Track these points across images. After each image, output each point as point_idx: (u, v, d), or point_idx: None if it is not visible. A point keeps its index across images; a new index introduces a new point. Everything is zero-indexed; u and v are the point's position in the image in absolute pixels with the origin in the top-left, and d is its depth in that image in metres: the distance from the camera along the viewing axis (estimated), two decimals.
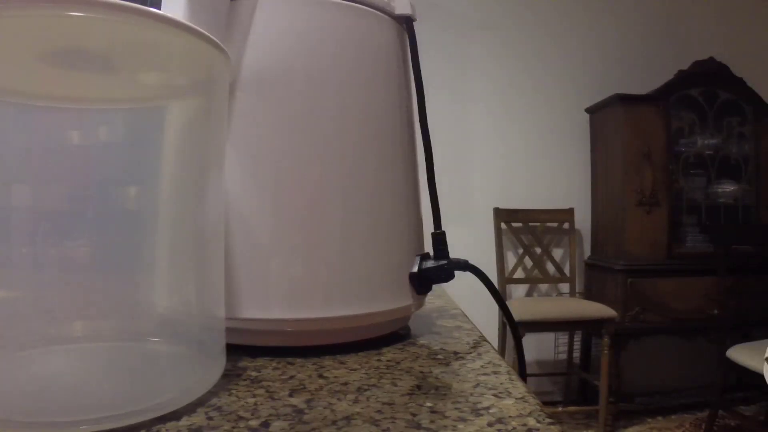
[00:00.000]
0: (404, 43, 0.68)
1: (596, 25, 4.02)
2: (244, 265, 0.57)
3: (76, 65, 0.42)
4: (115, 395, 0.41)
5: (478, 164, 3.95)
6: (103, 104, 0.44)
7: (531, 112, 3.99)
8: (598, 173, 3.89)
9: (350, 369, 0.53)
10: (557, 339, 3.90)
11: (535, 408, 0.43)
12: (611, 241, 3.69)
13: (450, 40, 3.91)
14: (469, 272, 0.69)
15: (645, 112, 3.54)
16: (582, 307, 3.25)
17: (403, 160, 0.65)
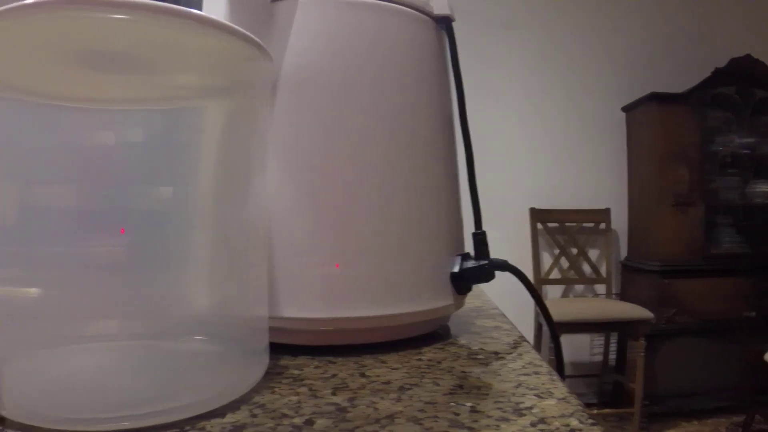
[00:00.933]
0: (443, 44, 0.68)
1: (631, 23, 3.99)
2: (283, 264, 0.57)
3: (113, 66, 0.42)
4: (158, 392, 0.42)
5: (512, 165, 3.94)
6: (140, 105, 0.45)
7: (564, 111, 3.96)
8: (634, 173, 3.85)
9: (391, 368, 0.53)
10: (592, 340, 3.88)
11: (578, 408, 0.42)
12: (646, 241, 3.65)
13: (478, 40, 3.89)
14: (506, 272, 0.69)
15: (680, 111, 3.50)
16: (617, 308, 3.23)
17: (443, 160, 0.65)
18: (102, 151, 0.43)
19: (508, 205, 3.86)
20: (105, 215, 0.42)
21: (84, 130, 0.42)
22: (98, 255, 0.42)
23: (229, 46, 0.44)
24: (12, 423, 0.39)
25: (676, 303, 3.41)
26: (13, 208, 0.41)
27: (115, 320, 0.44)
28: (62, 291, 0.42)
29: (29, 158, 0.41)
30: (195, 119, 0.48)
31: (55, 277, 0.41)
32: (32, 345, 0.43)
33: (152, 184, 0.43)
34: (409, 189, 0.61)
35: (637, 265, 3.70)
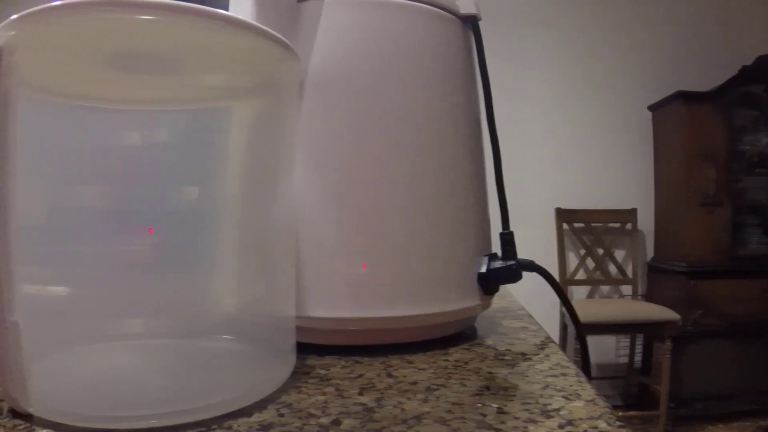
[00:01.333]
0: (469, 43, 0.68)
1: (657, 20, 3.95)
2: (310, 264, 0.57)
3: (143, 67, 0.43)
4: (185, 391, 0.42)
5: (537, 164, 3.92)
6: (168, 105, 0.45)
7: (590, 110, 3.94)
8: (661, 172, 3.82)
9: (418, 368, 0.53)
10: (618, 342, 3.85)
11: (606, 411, 0.42)
12: (673, 242, 3.62)
13: (503, 38, 3.87)
14: (532, 273, 0.68)
15: (707, 110, 3.46)
16: (643, 309, 3.20)
17: (470, 160, 0.65)
18: (131, 151, 0.43)
19: (534, 205, 3.84)
20: (134, 215, 0.42)
21: (114, 130, 0.43)
22: (127, 255, 0.42)
23: (257, 46, 0.44)
24: (39, 420, 0.39)
25: (703, 304, 3.38)
26: (44, 207, 0.41)
27: (143, 319, 0.44)
28: (91, 290, 0.42)
29: (60, 159, 0.41)
30: (223, 120, 0.48)
31: (84, 277, 0.42)
32: (61, 343, 0.43)
33: (181, 185, 0.44)
34: (437, 189, 0.61)
35: (663, 266, 3.67)
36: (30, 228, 0.40)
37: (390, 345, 0.60)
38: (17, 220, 0.38)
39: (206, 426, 0.39)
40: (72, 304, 0.42)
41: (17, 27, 0.38)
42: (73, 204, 0.41)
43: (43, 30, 0.38)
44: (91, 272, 0.42)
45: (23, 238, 0.38)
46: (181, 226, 0.43)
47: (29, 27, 0.38)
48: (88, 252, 0.42)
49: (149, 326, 0.45)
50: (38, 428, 0.38)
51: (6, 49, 0.38)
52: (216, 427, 0.39)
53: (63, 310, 0.42)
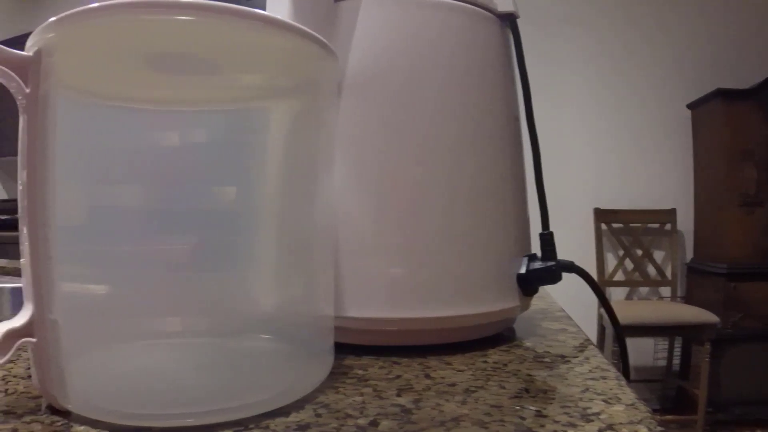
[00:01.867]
0: (507, 41, 0.68)
1: (694, 18, 3.90)
2: (349, 264, 0.57)
3: (181, 68, 0.43)
4: (223, 390, 0.42)
5: (574, 164, 3.90)
6: (207, 105, 0.45)
7: (627, 109, 3.90)
8: (700, 172, 3.77)
9: (456, 370, 0.52)
10: (656, 345, 3.81)
11: (646, 415, 0.41)
12: (713, 243, 3.57)
13: (539, 37, 3.86)
14: (571, 274, 0.68)
15: (747, 108, 3.41)
16: (681, 311, 3.17)
17: (508, 160, 0.65)
18: (170, 152, 0.43)
19: (572, 205, 3.82)
20: (173, 215, 0.42)
21: (152, 131, 0.43)
22: (166, 254, 0.42)
23: (296, 46, 0.44)
24: (77, 417, 0.39)
25: (743, 307, 3.33)
26: (84, 207, 0.41)
27: (181, 318, 0.44)
28: (130, 289, 0.42)
29: (99, 159, 0.42)
30: (262, 120, 0.48)
31: (123, 276, 0.42)
32: (100, 342, 0.43)
33: (220, 185, 0.44)
34: (476, 189, 0.60)
35: (702, 268, 3.62)
36: (70, 227, 0.40)
37: (428, 346, 0.59)
38: (57, 219, 0.38)
39: (243, 425, 0.39)
40: (111, 303, 0.42)
41: (56, 29, 0.38)
42: (112, 204, 0.42)
43: (81, 31, 0.39)
44: (130, 271, 0.42)
45: (63, 237, 0.39)
46: (219, 225, 0.43)
47: (67, 29, 0.38)
48: (127, 251, 0.42)
49: (187, 325, 0.45)
50: (75, 425, 0.38)
51: (45, 51, 0.38)
52: (253, 427, 0.39)
53: (102, 308, 0.42)
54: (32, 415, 0.40)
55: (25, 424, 0.38)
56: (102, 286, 0.42)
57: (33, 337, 0.39)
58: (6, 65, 0.38)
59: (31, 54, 0.38)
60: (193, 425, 0.38)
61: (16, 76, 0.38)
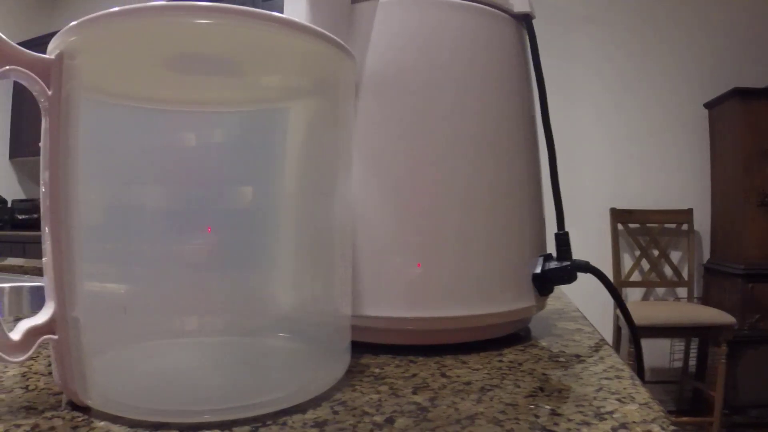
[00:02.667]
0: (523, 41, 0.68)
1: (709, 16, 3.87)
2: (366, 264, 0.57)
3: (201, 70, 0.43)
4: (241, 387, 0.43)
5: (590, 163, 3.89)
6: (227, 107, 0.46)
7: (644, 108, 3.88)
8: (718, 172, 3.74)
9: (472, 369, 0.53)
10: (673, 346, 3.79)
11: (660, 415, 0.42)
12: (731, 243, 3.55)
13: (555, 35, 3.86)
14: (587, 274, 0.68)
15: (765, 106, 3.38)
16: (698, 312, 3.15)
17: (525, 160, 0.65)
18: (191, 152, 0.44)
19: (588, 205, 3.81)
20: (194, 215, 0.43)
21: (174, 132, 0.44)
22: (187, 253, 0.43)
23: (313, 48, 0.45)
24: (97, 413, 0.40)
25: (761, 308, 3.31)
26: (107, 207, 0.42)
27: (200, 317, 0.45)
28: (151, 288, 0.43)
29: (121, 159, 0.42)
30: (281, 120, 0.49)
31: (144, 275, 0.43)
32: (120, 339, 0.44)
33: (239, 185, 0.44)
34: (493, 189, 0.61)
35: (720, 268, 3.60)
36: (91, 227, 0.41)
37: (444, 345, 0.60)
38: (79, 219, 0.39)
39: (261, 422, 0.39)
40: (131, 302, 0.43)
41: (77, 33, 0.39)
42: (133, 203, 0.42)
43: (102, 35, 0.39)
44: (151, 271, 0.43)
45: (86, 237, 0.39)
46: (239, 225, 0.44)
47: (89, 32, 0.39)
48: (148, 251, 0.42)
49: (206, 324, 0.45)
50: (96, 420, 0.39)
51: (67, 53, 0.39)
52: (271, 423, 0.39)
53: (122, 307, 0.43)
54: (53, 411, 0.40)
55: (46, 420, 0.39)
56: (123, 285, 0.43)
57: (54, 335, 0.39)
58: (29, 68, 0.38)
59: (53, 57, 0.39)
60: (210, 421, 0.39)
61: (39, 79, 0.39)
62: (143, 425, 0.38)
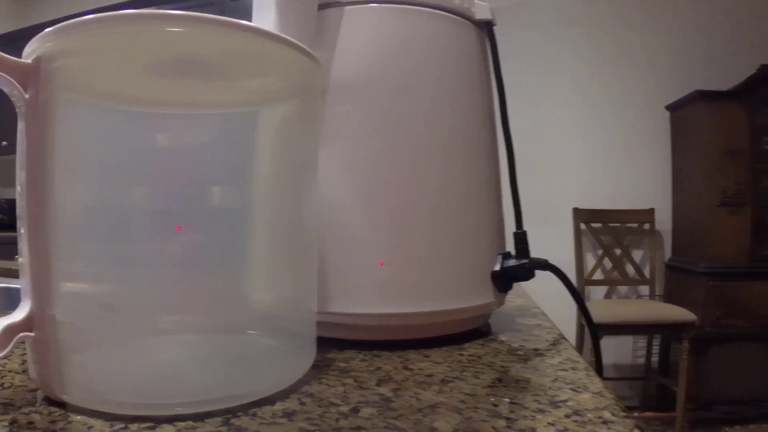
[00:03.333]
0: (485, 47, 0.70)
1: (676, 20, 3.92)
2: (333, 262, 0.59)
3: (180, 74, 0.45)
4: (213, 381, 0.44)
5: (558, 164, 3.92)
6: (205, 109, 0.47)
7: (611, 110, 3.92)
8: (680, 173, 3.79)
9: (434, 362, 0.55)
10: (636, 343, 3.84)
11: (611, 402, 0.44)
12: (693, 242, 3.60)
13: (530, 36, 3.88)
14: (549, 272, 0.70)
15: (728, 109, 3.43)
16: (661, 310, 3.19)
17: (486, 162, 0.67)
18: (170, 153, 0.45)
19: (552, 206, 3.84)
20: (173, 215, 0.44)
21: (153, 133, 0.45)
22: (165, 253, 0.44)
23: (283, 55, 0.46)
24: (73, 407, 0.41)
25: (723, 306, 3.36)
26: (83, 207, 0.43)
27: (175, 315, 0.46)
28: (127, 287, 0.44)
29: (101, 160, 0.43)
30: (255, 122, 0.50)
31: (123, 274, 0.44)
32: (97, 337, 0.45)
33: (217, 186, 0.46)
34: (455, 190, 0.63)
35: (682, 267, 3.65)
36: (70, 226, 0.42)
37: (408, 341, 0.61)
38: (56, 219, 0.40)
39: (232, 413, 0.41)
40: (107, 300, 0.44)
41: (54, 38, 0.40)
42: (112, 204, 0.43)
43: (80, 40, 0.40)
44: (129, 270, 0.44)
45: (64, 236, 0.40)
46: (215, 225, 0.45)
47: (66, 38, 0.40)
48: (125, 250, 0.43)
49: (181, 321, 0.47)
50: (72, 415, 0.40)
51: (44, 58, 0.40)
52: (242, 414, 0.41)
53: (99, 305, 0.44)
54: (30, 406, 0.41)
55: (24, 415, 0.40)
56: (99, 283, 0.44)
57: (32, 332, 0.40)
58: (7, 73, 0.39)
59: (31, 61, 0.40)
60: (184, 413, 0.40)
61: (17, 82, 0.40)
62: (119, 419, 0.39)
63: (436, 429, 0.39)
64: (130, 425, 0.38)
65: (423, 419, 0.40)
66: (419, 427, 0.39)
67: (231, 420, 0.40)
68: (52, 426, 0.38)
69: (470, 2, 0.66)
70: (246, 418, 0.40)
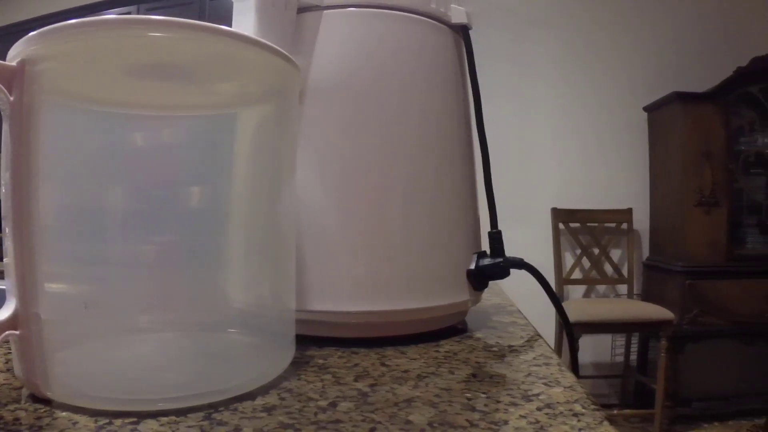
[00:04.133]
0: (461, 51, 0.71)
1: (653, 22, 3.96)
2: (312, 261, 0.60)
3: (160, 78, 0.46)
4: (195, 377, 0.45)
5: (536, 164, 3.94)
6: (185, 112, 0.48)
7: (588, 111, 3.95)
8: (657, 173, 3.83)
9: (410, 358, 0.56)
10: (614, 341, 3.87)
11: (582, 395, 0.45)
12: (670, 241, 3.63)
13: (506, 38, 3.90)
14: (526, 271, 0.71)
15: (704, 111, 3.47)
16: (639, 308, 3.22)
17: (461, 162, 0.68)
18: (148, 155, 0.46)
19: (531, 205, 3.86)
20: (151, 216, 0.45)
21: (132, 135, 0.46)
22: (145, 253, 0.45)
23: (262, 59, 0.47)
24: (58, 404, 0.42)
25: (699, 304, 3.39)
26: (66, 207, 0.44)
27: (157, 314, 0.47)
28: (110, 285, 0.45)
29: (84, 161, 0.44)
30: (233, 124, 0.51)
31: (103, 273, 0.44)
32: (81, 335, 0.46)
33: (194, 186, 0.47)
34: (430, 190, 0.64)
35: (660, 266, 3.68)
36: (55, 227, 0.42)
37: (385, 338, 0.63)
38: (41, 219, 0.41)
39: (214, 408, 0.42)
40: (92, 299, 0.45)
41: (38, 42, 0.41)
42: (94, 204, 0.44)
43: (64, 44, 0.41)
44: (111, 269, 0.44)
45: (48, 236, 0.41)
46: (194, 225, 0.46)
47: (50, 42, 0.41)
48: (110, 249, 0.44)
49: (163, 319, 0.48)
50: (58, 411, 0.41)
51: (29, 60, 0.41)
52: (223, 409, 0.42)
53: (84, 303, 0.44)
54: (15, 404, 0.42)
55: (9, 412, 0.40)
56: (83, 283, 0.44)
57: (17, 330, 0.41)
58: None
59: (15, 64, 0.41)
60: (167, 409, 0.41)
61: (1, 85, 0.40)
62: (103, 414, 0.40)
63: (412, 422, 0.40)
64: (114, 420, 0.39)
65: (399, 413, 0.42)
66: (395, 420, 0.40)
67: (213, 415, 0.41)
68: (38, 422, 0.39)
69: (447, 7, 0.68)
70: (227, 413, 0.41)
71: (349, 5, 0.63)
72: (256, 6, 0.58)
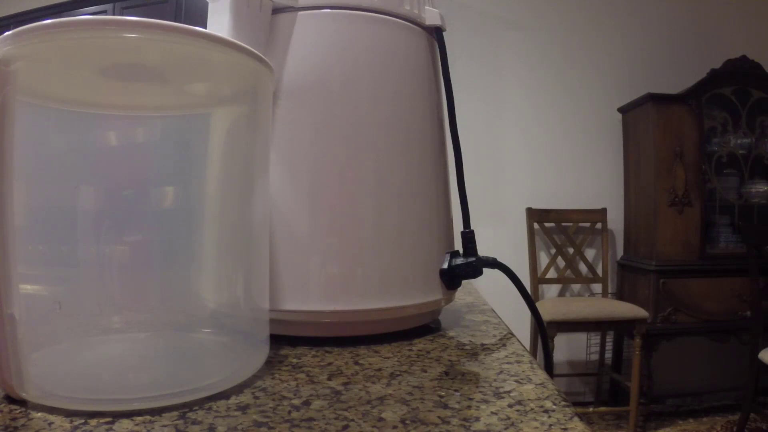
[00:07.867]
0: (434, 52, 0.72)
1: (627, 24, 3.99)
2: (285, 261, 0.61)
3: (134, 78, 0.46)
4: (170, 377, 0.46)
5: (511, 165, 3.96)
6: (159, 112, 0.48)
7: (562, 112, 3.97)
8: (631, 173, 3.86)
9: (383, 357, 0.57)
10: (589, 339, 3.90)
11: (553, 392, 0.46)
12: (643, 241, 3.67)
13: (479, 41, 3.91)
14: (499, 270, 0.72)
15: (677, 112, 3.51)
16: (613, 307, 3.25)
17: (434, 163, 0.69)
18: (121, 155, 0.46)
19: (506, 205, 3.88)
20: (124, 216, 0.45)
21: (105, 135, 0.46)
22: (117, 254, 0.45)
23: (236, 60, 0.48)
24: (34, 405, 0.42)
25: (673, 302, 3.43)
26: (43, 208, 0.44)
27: (132, 314, 0.48)
28: (84, 286, 0.45)
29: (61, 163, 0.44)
30: (206, 124, 0.51)
31: (77, 274, 0.45)
32: (56, 336, 0.46)
33: (167, 186, 0.47)
34: (403, 190, 0.64)
35: (633, 265, 3.71)
36: (28, 227, 0.42)
37: (359, 337, 0.63)
38: (14, 220, 0.41)
39: (189, 407, 0.42)
40: (66, 299, 0.45)
41: (12, 42, 0.41)
42: (67, 204, 0.44)
43: (38, 44, 0.41)
44: (84, 270, 0.45)
45: (22, 237, 0.41)
46: (166, 225, 0.47)
47: (24, 42, 0.41)
48: (80, 251, 0.45)
49: (137, 320, 0.48)
50: (33, 412, 0.41)
51: (2, 61, 0.41)
52: (197, 408, 0.42)
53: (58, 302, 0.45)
54: None
55: None
56: (56, 283, 0.45)
57: None
58: None
59: None
60: (141, 408, 0.41)
61: None
62: (78, 414, 0.40)
63: (384, 419, 0.41)
64: (89, 420, 0.39)
65: (371, 410, 0.42)
66: (367, 418, 0.41)
67: (187, 414, 0.41)
68: (13, 423, 0.39)
69: (420, 8, 0.68)
70: (202, 412, 0.42)
71: (324, 6, 0.63)
72: (230, 7, 0.59)
